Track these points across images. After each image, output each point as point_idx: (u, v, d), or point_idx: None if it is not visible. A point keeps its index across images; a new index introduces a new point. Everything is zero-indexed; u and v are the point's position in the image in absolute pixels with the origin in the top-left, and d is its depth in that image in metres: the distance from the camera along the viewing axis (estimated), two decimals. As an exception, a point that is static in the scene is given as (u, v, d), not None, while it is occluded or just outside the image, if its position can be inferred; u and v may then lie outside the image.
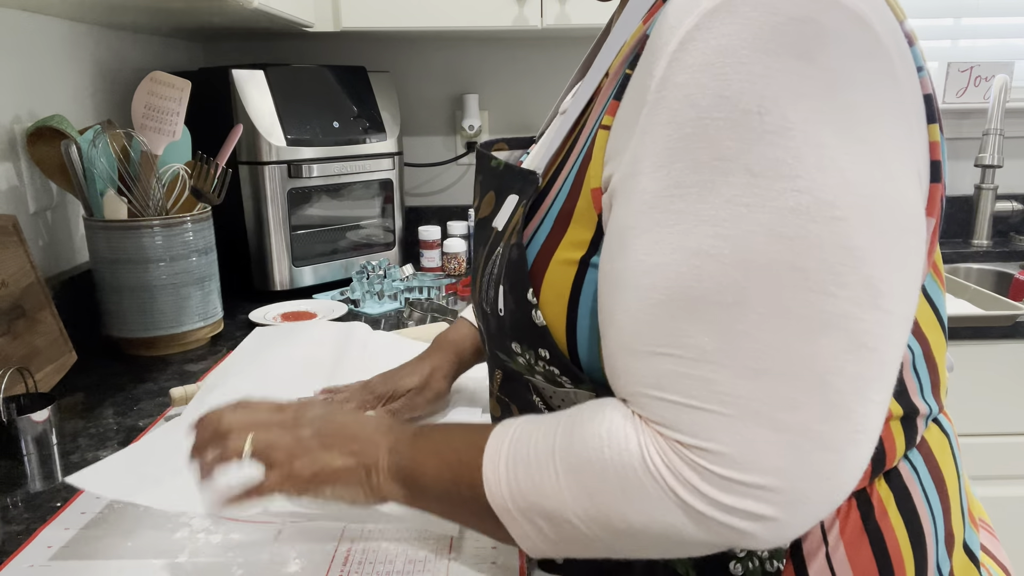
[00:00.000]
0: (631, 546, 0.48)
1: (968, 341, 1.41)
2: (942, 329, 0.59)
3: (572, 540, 0.49)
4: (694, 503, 0.43)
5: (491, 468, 0.51)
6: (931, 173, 0.48)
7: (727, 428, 0.42)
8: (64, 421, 0.90)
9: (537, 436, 0.51)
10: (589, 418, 0.49)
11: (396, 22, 1.49)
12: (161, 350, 1.14)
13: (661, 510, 0.45)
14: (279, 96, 1.41)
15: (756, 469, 0.42)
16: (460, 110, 1.87)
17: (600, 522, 0.47)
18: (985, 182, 1.89)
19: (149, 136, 1.11)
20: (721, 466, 0.42)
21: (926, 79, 0.47)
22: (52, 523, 0.67)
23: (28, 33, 1.13)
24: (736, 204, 0.41)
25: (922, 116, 0.47)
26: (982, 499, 1.47)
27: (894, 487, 0.56)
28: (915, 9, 1.92)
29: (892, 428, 0.55)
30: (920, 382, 0.57)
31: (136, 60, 1.49)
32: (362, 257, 1.56)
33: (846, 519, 0.55)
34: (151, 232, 1.09)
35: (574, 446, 0.48)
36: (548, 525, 0.49)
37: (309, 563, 0.60)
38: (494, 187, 0.62)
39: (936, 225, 0.51)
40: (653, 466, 0.44)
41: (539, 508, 0.49)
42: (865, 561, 0.54)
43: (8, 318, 0.94)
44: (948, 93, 1.88)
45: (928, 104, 0.47)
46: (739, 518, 0.43)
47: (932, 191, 0.48)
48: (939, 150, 0.48)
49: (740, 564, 0.54)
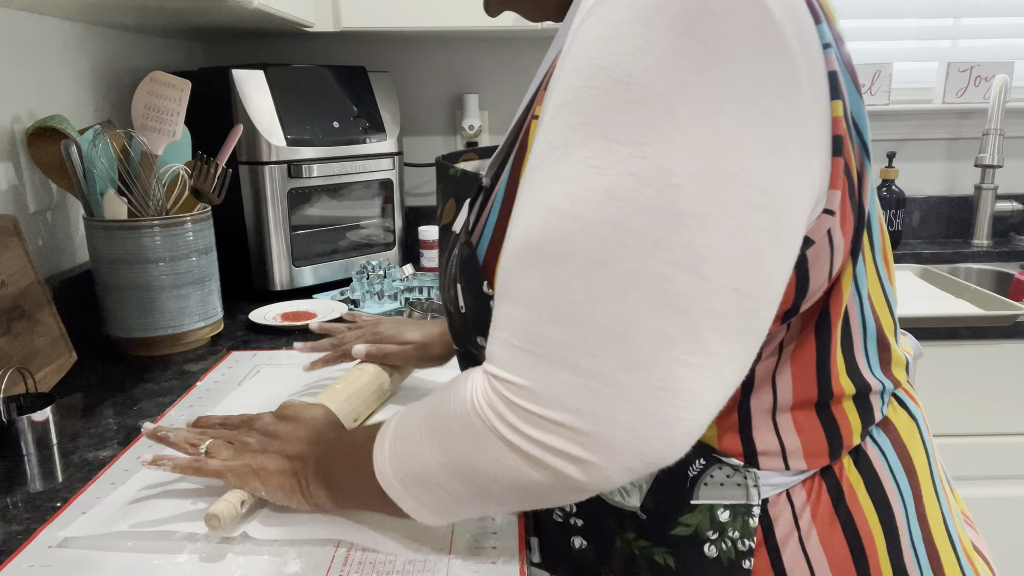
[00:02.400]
0: (494, 498, 0.51)
1: (968, 341, 1.41)
2: (890, 309, 0.61)
3: (446, 501, 0.53)
4: (511, 437, 0.47)
5: (378, 449, 0.56)
6: (833, 147, 0.49)
7: (534, 366, 0.45)
8: (64, 421, 0.90)
9: (414, 411, 0.55)
10: (456, 381, 0.52)
11: (396, 22, 1.49)
12: (161, 350, 1.14)
13: (493, 449, 0.48)
14: (279, 96, 1.41)
15: (557, 406, 0.45)
16: (460, 110, 1.87)
17: (457, 475, 0.51)
18: (985, 182, 1.89)
19: (149, 136, 1.11)
20: (527, 400, 0.46)
21: (832, 56, 0.49)
22: (52, 523, 0.67)
23: (28, 33, 1.13)
24: (586, 165, 0.44)
25: (824, 92, 0.48)
26: (981, 500, 1.47)
27: (863, 471, 0.58)
28: (915, 9, 1.92)
29: (845, 407, 0.58)
30: (869, 359, 0.59)
31: (136, 60, 1.49)
32: (362, 257, 1.56)
33: (817, 504, 0.57)
34: (151, 232, 1.09)
35: (435, 408, 0.52)
36: (424, 491, 0.53)
37: (309, 563, 0.60)
38: (453, 194, 0.66)
39: (844, 196, 0.51)
40: (479, 406, 0.48)
41: (414, 476, 0.53)
42: (838, 546, 0.56)
43: (8, 318, 0.94)
44: (948, 93, 1.88)
45: (833, 81, 0.48)
46: (552, 455, 0.46)
47: (834, 164, 0.50)
48: (841, 124, 0.49)
49: (714, 546, 0.57)
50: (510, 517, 0.67)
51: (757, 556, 0.57)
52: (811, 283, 0.52)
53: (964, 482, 1.47)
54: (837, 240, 0.52)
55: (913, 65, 1.96)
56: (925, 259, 1.87)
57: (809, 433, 0.57)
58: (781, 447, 0.57)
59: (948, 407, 1.45)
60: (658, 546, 0.58)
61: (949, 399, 1.45)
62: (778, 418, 0.56)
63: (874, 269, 0.59)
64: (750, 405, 0.56)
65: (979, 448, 1.47)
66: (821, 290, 0.54)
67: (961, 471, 1.47)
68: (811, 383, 0.56)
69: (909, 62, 1.96)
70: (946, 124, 1.94)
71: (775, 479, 0.57)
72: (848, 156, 0.50)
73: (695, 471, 0.57)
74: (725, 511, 0.57)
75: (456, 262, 0.60)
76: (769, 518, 0.57)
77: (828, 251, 0.52)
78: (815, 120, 0.47)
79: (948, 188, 1.99)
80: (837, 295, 0.55)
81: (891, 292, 0.62)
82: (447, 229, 0.66)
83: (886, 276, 0.61)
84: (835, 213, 0.50)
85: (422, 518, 0.55)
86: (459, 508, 0.54)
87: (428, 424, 0.53)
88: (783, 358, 0.56)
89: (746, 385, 0.56)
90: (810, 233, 0.50)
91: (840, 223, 0.51)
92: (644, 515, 0.58)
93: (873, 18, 1.92)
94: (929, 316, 1.39)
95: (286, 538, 0.63)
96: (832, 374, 0.57)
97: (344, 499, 0.62)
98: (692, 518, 0.57)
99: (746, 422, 0.56)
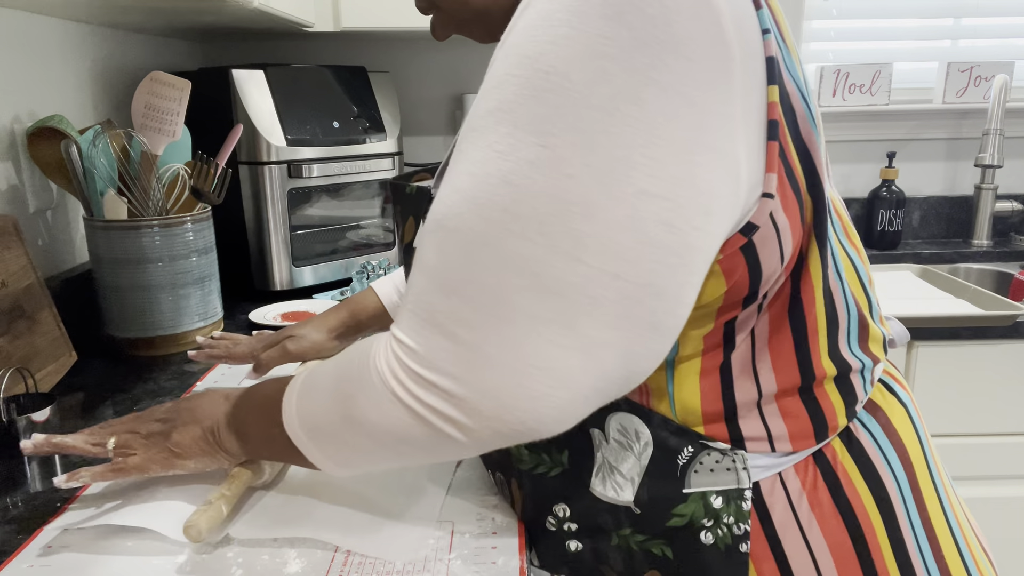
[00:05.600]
0: (389, 450, 0.53)
1: (968, 341, 1.41)
2: (862, 285, 0.62)
3: (348, 453, 0.55)
4: (399, 393, 0.49)
5: (287, 402, 0.58)
6: (768, 132, 0.50)
7: (421, 330, 0.48)
8: (64, 421, 0.90)
9: (322, 366, 0.57)
10: (366, 340, 0.54)
11: (396, 22, 1.49)
12: (161, 350, 1.14)
13: (385, 404, 0.50)
14: (279, 96, 1.41)
15: (436, 370, 0.47)
16: (460, 110, 1.87)
17: (355, 427, 0.52)
18: (985, 182, 1.89)
19: (149, 136, 1.11)
20: (413, 361, 0.48)
21: (770, 42, 0.49)
22: (52, 523, 0.67)
23: (28, 33, 1.13)
24: (492, 149, 0.46)
25: (760, 78, 0.49)
26: (982, 500, 1.47)
27: (856, 456, 0.59)
28: (915, 9, 1.92)
29: (827, 389, 0.59)
30: (850, 339, 0.60)
31: (136, 60, 1.49)
32: (362, 257, 1.56)
33: (814, 491, 0.58)
34: (151, 232, 1.09)
35: (342, 364, 0.54)
36: (327, 443, 0.55)
37: (309, 563, 0.60)
38: (412, 212, 0.67)
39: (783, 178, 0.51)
40: (378, 363, 0.50)
41: (318, 428, 0.55)
42: (837, 532, 0.58)
43: (8, 318, 0.94)
44: (948, 93, 1.89)
45: (770, 66, 0.49)
46: (432, 415, 0.48)
47: (769, 148, 0.50)
48: (776, 110, 0.49)
49: (710, 532, 0.58)
50: (510, 517, 0.67)
51: (756, 543, 0.57)
52: (763, 267, 0.53)
53: (964, 482, 1.47)
54: (782, 222, 0.52)
55: (913, 65, 1.96)
56: (925, 259, 1.87)
57: (794, 418, 0.58)
58: (767, 433, 0.57)
59: (948, 407, 1.45)
60: (655, 538, 0.59)
61: (949, 399, 1.45)
62: (763, 407, 0.57)
63: (840, 248, 0.60)
64: (734, 396, 0.57)
65: (979, 448, 1.47)
66: (776, 274, 0.54)
67: (961, 471, 1.47)
68: (792, 368, 0.57)
69: (909, 62, 1.96)
70: (946, 124, 1.94)
71: (763, 461, 0.58)
72: (784, 140, 0.51)
73: (684, 459, 0.58)
74: (718, 497, 0.57)
75: None
76: (765, 506, 0.57)
77: (774, 234, 0.52)
78: (744, 106, 0.47)
79: (948, 188, 1.99)
80: (807, 279, 0.56)
81: (862, 268, 0.63)
82: (409, 248, 0.67)
83: (854, 253, 0.62)
84: (774, 196, 0.51)
85: (328, 469, 0.57)
86: (360, 459, 0.55)
87: (334, 379, 0.54)
88: (759, 347, 0.57)
89: (725, 377, 0.57)
90: (753, 219, 0.51)
91: (783, 205, 0.52)
92: (638, 509, 0.59)
93: (873, 18, 1.92)
94: (929, 316, 1.39)
95: (268, 536, 0.63)
96: (813, 357, 0.57)
97: (257, 449, 0.64)
98: (686, 507, 0.58)
99: (731, 412, 0.57)
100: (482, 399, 0.46)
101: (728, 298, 0.54)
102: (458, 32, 0.65)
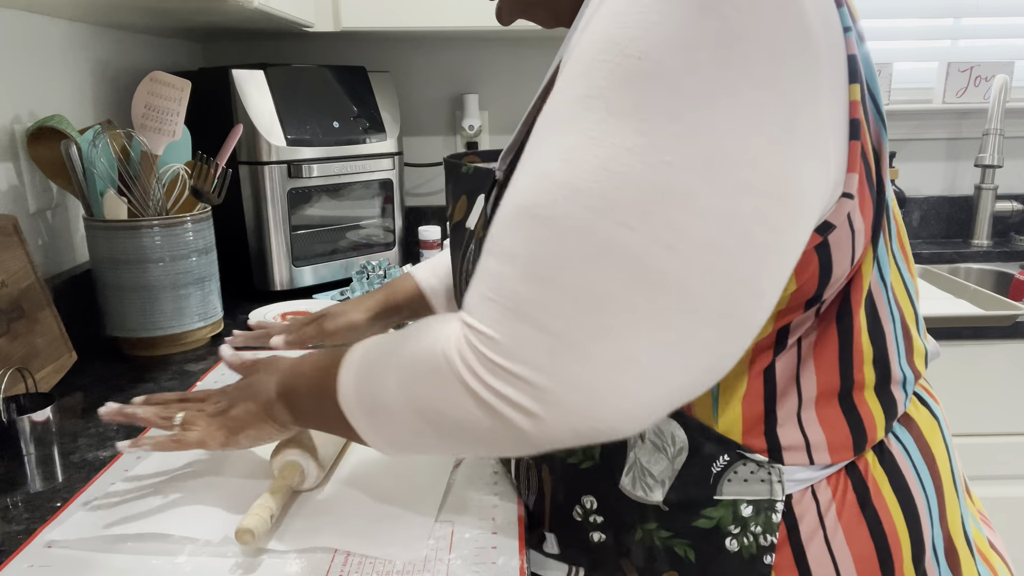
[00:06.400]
0: (449, 438, 0.51)
1: (968, 341, 1.41)
2: (910, 298, 0.61)
3: (404, 435, 0.54)
4: (472, 383, 0.47)
5: (344, 376, 0.57)
6: (851, 131, 0.49)
7: (503, 319, 0.46)
8: (64, 421, 0.90)
9: (382, 343, 0.56)
10: (433, 321, 0.53)
11: (396, 22, 1.49)
12: (161, 350, 1.14)
13: (454, 392, 0.48)
14: (279, 96, 1.41)
15: (519, 360, 0.45)
16: (460, 110, 1.87)
17: (418, 412, 0.51)
18: (985, 182, 1.89)
19: (149, 136, 1.11)
20: (492, 350, 0.46)
21: (852, 40, 0.49)
22: (52, 523, 0.67)
23: (28, 33, 1.13)
24: (585, 136, 0.44)
25: (843, 75, 0.48)
26: (983, 499, 1.47)
27: (888, 469, 0.58)
28: (915, 9, 1.92)
29: (867, 398, 0.57)
30: (899, 348, 0.59)
31: (136, 60, 1.49)
32: (362, 257, 1.56)
33: (843, 503, 0.57)
34: (151, 232, 1.09)
35: (406, 345, 0.53)
36: (385, 422, 0.54)
37: (309, 563, 0.60)
38: (465, 191, 0.66)
39: (862, 179, 0.51)
40: (448, 350, 0.49)
41: (378, 406, 0.54)
42: (863, 543, 0.56)
43: (8, 318, 0.94)
44: (948, 93, 1.88)
45: (852, 64, 0.48)
46: (507, 406, 0.46)
47: (851, 148, 0.49)
48: (859, 109, 0.49)
49: (735, 540, 0.57)
50: (510, 517, 0.67)
51: (780, 553, 0.56)
52: (834, 269, 0.52)
53: (964, 482, 1.48)
54: (857, 224, 0.51)
55: (913, 65, 1.96)
56: (925, 259, 1.87)
57: (833, 426, 0.57)
58: (806, 442, 0.56)
59: (948, 407, 1.45)
60: (679, 537, 0.58)
61: (949, 399, 1.45)
62: (803, 414, 0.56)
63: (891, 258, 0.59)
64: (775, 401, 0.56)
65: (979, 448, 1.47)
66: (844, 276, 0.53)
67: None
68: (834, 373, 0.56)
69: (909, 62, 1.96)
70: (946, 124, 1.94)
71: (800, 474, 0.57)
72: (865, 140, 0.50)
73: (719, 467, 0.57)
74: (748, 506, 0.57)
75: (473, 256, 0.60)
76: (794, 516, 0.57)
77: (849, 235, 0.51)
78: (832, 103, 0.47)
79: (948, 188, 1.99)
80: (857, 283, 0.55)
81: (910, 281, 0.62)
82: (460, 226, 0.65)
83: (904, 265, 0.61)
84: (854, 197, 0.50)
85: (378, 447, 0.56)
86: (416, 443, 0.54)
87: (396, 359, 0.53)
88: (804, 356, 0.56)
89: (769, 382, 0.56)
90: (830, 218, 0.50)
91: (860, 206, 0.51)
92: (666, 507, 0.58)
93: (873, 18, 1.92)
94: (929, 316, 1.39)
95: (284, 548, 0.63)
96: (855, 363, 0.56)
97: (307, 420, 0.64)
98: (715, 511, 0.57)
99: (771, 422, 0.56)
100: (568, 392, 0.44)
101: (794, 299, 0.53)
102: (523, 16, 0.64)
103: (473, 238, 0.61)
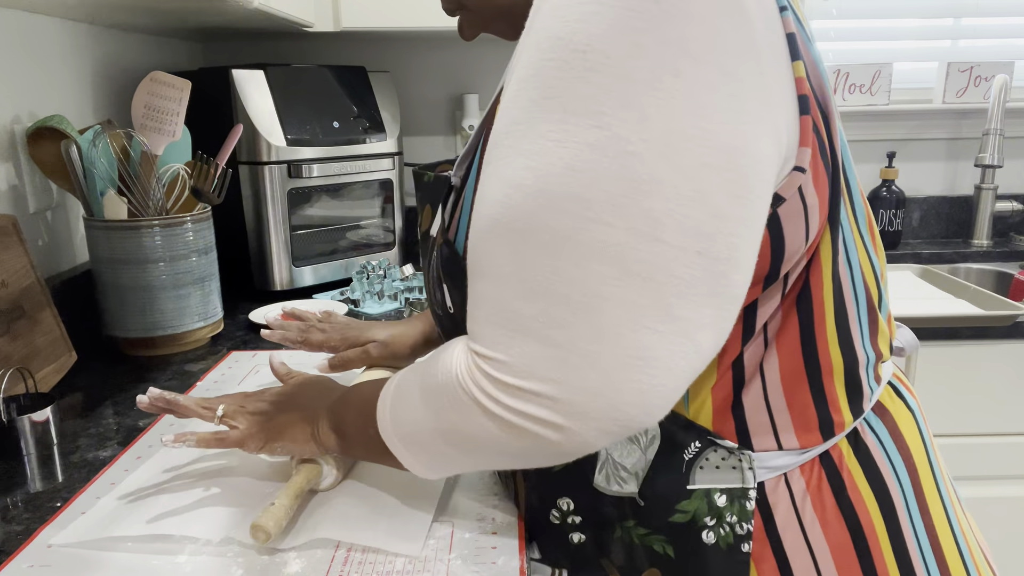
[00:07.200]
0: (483, 459, 0.54)
1: (968, 341, 1.41)
2: (876, 279, 0.62)
3: (440, 460, 0.56)
4: (493, 408, 0.48)
5: (381, 407, 0.58)
6: (800, 106, 0.50)
7: (509, 341, 0.47)
8: (64, 421, 0.90)
9: (411, 374, 0.57)
10: (443, 350, 0.54)
11: (396, 22, 1.49)
12: (161, 350, 1.14)
13: (479, 419, 0.49)
14: (279, 96, 1.41)
15: (533, 378, 0.46)
16: (460, 110, 1.87)
17: (448, 440, 0.53)
18: (985, 182, 1.89)
19: (149, 136, 1.11)
20: (504, 373, 0.47)
21: (788, 18, 0.49)
22: (52, 523, 0.67)
23: (28, 33, 1.13)
24: (547, 139, 0.44)
25: (783, 52, 0.48)
26: (981, 500, 1.47)
27: (861, 458, 0.59)
28: (915, 9, 1.92)
29: (835, 382, 0.58)
30: (862, 329, 0.59)
31: (136, 60, 1.49)
32: (362, 257, 1.56)
33: (818, 493, 0.58)
34: (151, 232, 1.09)
35: (426, 376, 0.54)
36: (420, 450, 0.56)
37: (309, 563, 0.60)
38: (430, 200, 0.66)
39: (815, 154, 0.51)
40: (462, 378, 0.50)
41: (411, 436, 0.56)
42: (839, 533, 0.58)
43: (8, 318, 0.94)
44: (948, 93, 1.88)
45: (791, 42, 0.49)
46: (532, 423, 0.47)
47: (803, 123, 0.50)
48: (805, 85, 0.50)
49: (712, 532, 0.58)
50: (510, 517, 0.67)
51: (757, 544, 0.57)
52: (787, 244, 0.52)
53: (964, 482, 1.47)
54: (811, 199, 0.52)
55: (913, 65, 1.96)
56: (925, 259, 1.87)
57: (799, 410, 0.58)
58: (772, 424, 0.57)
59: (948, 407, 1.45)
60: (656, 534, 0.59)
61: (949, 399, 1.45)
62: (770, 397, 0.57)
63: (859, 238, 0.59)
64: (742, 393, 0.57)
65: (979, 448, 1.47)
66: (799, 253, 0.54)
67: (961, 471, 1.47)
68: (797, 356, 0.57)
69: (909, 62, 1.96)
70: (946, 124, 1.94)
71: (771, 462, 0.58)
72: (816, 115, 0.51)
73: (691, 454, 0.58)
74: (722, 495, 0.57)
75: (437, 263, 0.61)
76: (768, 505, 0.57)
77: (802, 210, 0.52)
78: (777, 77, 0.47)
79: (948, 188, 1.99)
80: (816, 267, 0.55)
81: (877, 262, 0.62)
82: (427, 235, 0.66)
83: (871, 245, 0.62)
84: (806, 171, 0.51)
85: (420, 472, 0.58)
86: (452, 466, 0.57)
87: (421, 390, 0.55)
88: (769, 342, 0.56)
89: (738, 376, 0.57)
90: (780, 191, 0.50)
91: (813, 181, 0.52)
92: (642, 501, 0.59)
93: (873, 18, 1.92)
94: (929, 316, 1.39)
95: (284, 547, 0.63)
96: (820, 347, 0.57)
97: (352, 448, 0.65)
98: (689, 504, 0.58)
99: (739, 405, 0.57)
100: (587, 399, 0.45)
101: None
102: (485, 31, 0.65)
103: (435, 245, 0.62)
